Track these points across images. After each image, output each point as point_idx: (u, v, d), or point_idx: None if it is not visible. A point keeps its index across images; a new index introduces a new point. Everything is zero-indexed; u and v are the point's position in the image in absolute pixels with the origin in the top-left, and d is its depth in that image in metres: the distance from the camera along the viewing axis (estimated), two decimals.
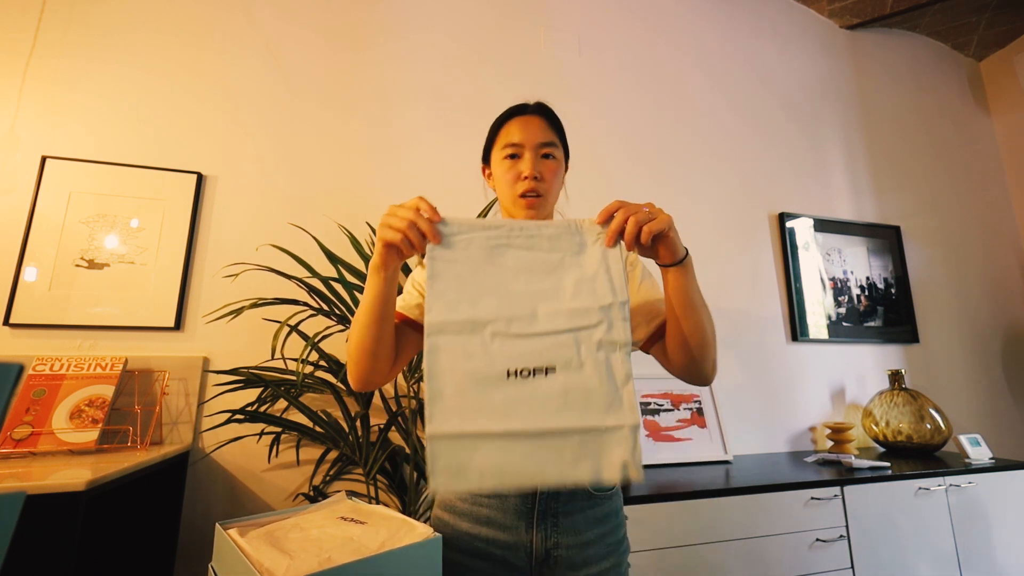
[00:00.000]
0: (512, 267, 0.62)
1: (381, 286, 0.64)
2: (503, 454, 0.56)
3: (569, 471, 0.56)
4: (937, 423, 1.76)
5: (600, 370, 0.59)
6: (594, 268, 0.62)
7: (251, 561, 0.54)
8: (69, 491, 0.82)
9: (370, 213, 1.60)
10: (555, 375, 0.58)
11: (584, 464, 0.56)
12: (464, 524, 0.71)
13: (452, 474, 0.55)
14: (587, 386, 0.58)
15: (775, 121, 2.27)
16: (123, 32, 1.56)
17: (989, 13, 2.46)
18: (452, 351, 0.58)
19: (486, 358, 0.58)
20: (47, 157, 1.41)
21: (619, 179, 1.94)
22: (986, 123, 2.70)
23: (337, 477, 1.36)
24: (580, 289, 0.61)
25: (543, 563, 0.69)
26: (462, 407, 0.57)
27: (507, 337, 0.59)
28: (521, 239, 0.63)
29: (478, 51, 1.91)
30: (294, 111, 1.67)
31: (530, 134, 0.75)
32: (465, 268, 0.61)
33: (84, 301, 1.37)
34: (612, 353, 0.60)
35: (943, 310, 2.29)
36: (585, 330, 0.60)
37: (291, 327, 1.21)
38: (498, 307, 0.60)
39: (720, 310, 1.95)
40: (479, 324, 0.59)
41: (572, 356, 0.59)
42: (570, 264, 0.63)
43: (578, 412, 0.57)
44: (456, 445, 0.56)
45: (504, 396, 0.57)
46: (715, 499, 1.28)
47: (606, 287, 0.61)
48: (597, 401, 0.58)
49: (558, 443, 0.57)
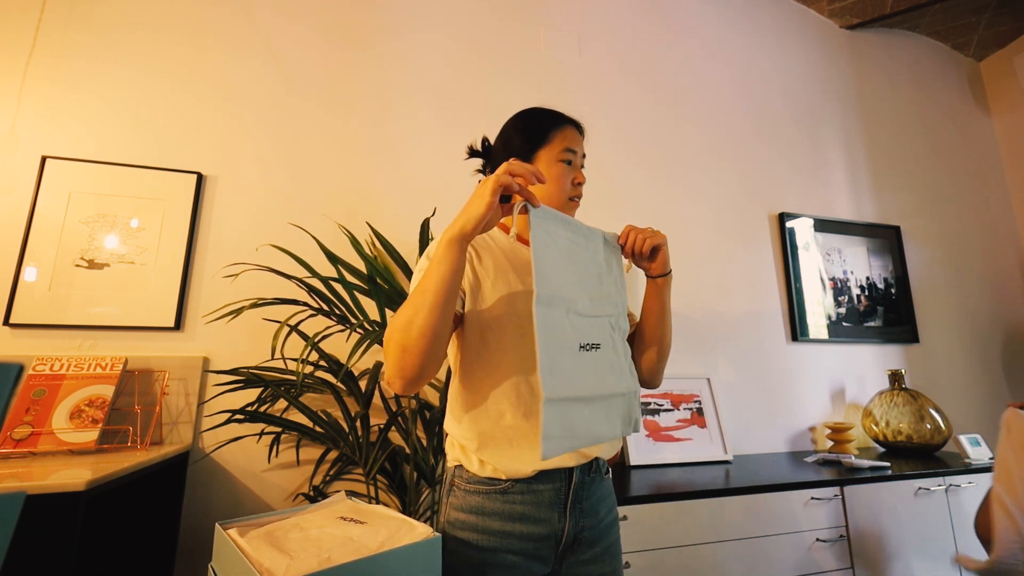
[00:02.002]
0: (578, 258, 0.73)
1: (459, 256, 0.63)
2: (588, 415, 0.66)
3: (618, 427, 0.70)
4: (937, 423, 1.76)
5: (618, 347, 0.74)
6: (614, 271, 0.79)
7: (251, 561, 0.54)
8: (69, 491, 0.82)
9: (370, 213, 1.61)
10: (600, 351, 0.70)
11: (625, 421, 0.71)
12: (495, 523, 0.70)
13: (563, 437, 0.62)
14: (615, 359, 0.73)
15: (775, 121, 2.27)
16: (123, 32, 1.56)
17: (989, 13, 2.46)
18: (552, 322, 0.65)
19: (570, 332, 0.67)
20: (47, 157, 1.41)
21: (619, 179, 1.94)
22: (986, 123, 2.70)
23: (337, 477, 1.36)
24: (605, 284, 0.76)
25: (569, 548, 0.73)
26: (565, 373, 0.64)
27: (576, 315, 0.69)
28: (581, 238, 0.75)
29: (478, 51, 1.91)
30: (294, 111, 1.67)
31: (580, 145, 0.84)
32: (557, 252, 0.70)
33: (84, 301, 1.37)
34: (622, 336, 0.76)
35: (943, 310, 2.29)
36: (611, 317, 0.74)
37: (291, 327, 1.21)
38: (573, 289, 0.70)
39: (720, 310, 1.95)
40: (568, 301, 0.68)
41: (608, 335, 0.73)
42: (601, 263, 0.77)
43: (618, 379, 0.72)
44: (564, 409, 0.63)
45: (584, 366, 0.67)
46: (715, 499, 1.28)
47: (617, 286, 0.78)
48: (623, 370, 0.73)
49: (613, 404, 0.70)
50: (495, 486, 0.72)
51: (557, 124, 0.83)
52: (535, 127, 0.83)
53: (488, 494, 0.72)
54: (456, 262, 0.63)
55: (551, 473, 0.72)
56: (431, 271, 0.63)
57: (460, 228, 0.62)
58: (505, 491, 0.71)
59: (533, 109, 0.86)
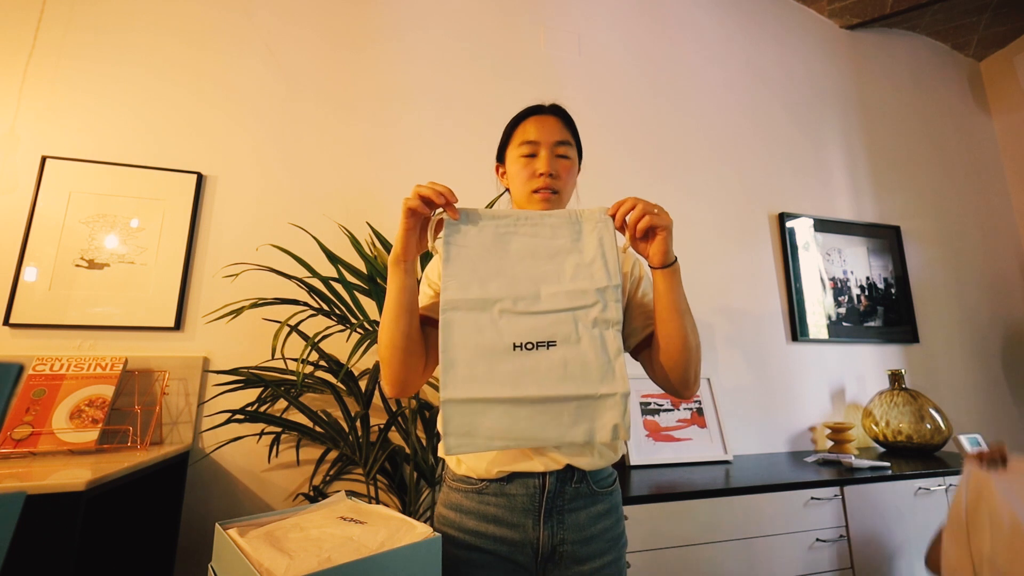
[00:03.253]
0: (518, 252, 0.68)
1: (402, 276, 0.67)
2: (509, 418, 0.62)
3: (567, 432, 0.63)
4: (937, 423, 1.76)
5: (595, 344, 0.65)
6: (592, 254, 0.69)
7: (251, 561, 0.54)
8: (69, 491, 0.82)
9: (370, 213, 1.60)
10: (556, 348, 0.64)
11: (580, 426, 0.63)
12: (470, 522, 0.71)
13: (463, 435, 0.62)
14: (584, 359, 0.64)
15: (775, 121, 2.27)
16: (123, 32, 1.56)
17: (989, 13, 2.46)
18: (464, 326, 0.64)
19: (495, 333, 0.64)
20: (47, 157, 1.41)
21: (619, 179, 1.94)
22: (986, 123, 2.70)
23: (337, 477, 1.36)
24: (579, 273, 0.68)
25: (548, 559, 0.70)
26: (473, 376, 0.63)
27: (513, 314, 0.65)
28: (526, 227, 0.69)
29: (478, 50, 1.91)
30: (294, 111, 1.67)
31: (546, 132, 0.78)
32: (476, 252, 0.67)
33: (84, 301, 1.37)
34: (606, 330, 0.66)
35: (943, 310, 2.29)
36: (582, 309, 0.66)
37: (291, 327, 1.21)
38: (505, 287, 0.66)
39: (720, 310, 1.95)
40: (488, 302, 0.65)
41: (571, 332, 0.65)
42: (570, 249, 0.69)
43: (576, 381, 0.64)
44: (467, 409, 0.62)
45: (511, 367, 0.63)
46: (715, 499, 1.28)
47: (602, 271, 0.68)
48: (593, 372, 0.64)
49: (558, 408, 0.63)
50: (471, 485, 0.73)
51: (517, 120, 0.82)
52: (507, 127, 0.84)
53: (465, 492, 0.73)
54: (401, 282, 0.67)
55: (522, 477, 0.70)
56: (387, 290, 0.68)
57: (392, 252, 0.67)
58: (480, 491, 0.72)
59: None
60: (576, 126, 0.83)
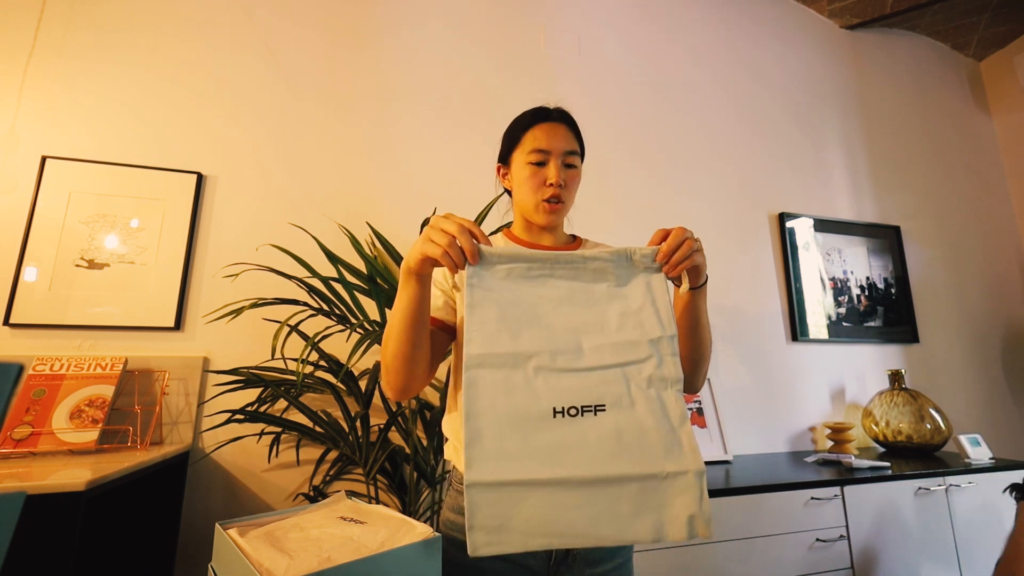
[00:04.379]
0: (553, 298, 0.59)
1: (416, 289, 0.62)
2: (551, 507, 0.50)
3: (628, 526, 0.51)
4: (937, 423, 1.76)
5: (653, 408, 0.54)
6: (639, 300, 0.59)
7: (251, 561, 0.54)
8: (69, 491, 0.82)
9: (370, 213, 1.60)
10: (605, 415, 0.53)
11: (645, 518, 0.51)
12: None
13: (493, 531, 0.50)
14: (641, 426, 0.53)
15: (775, 121, 2.27)
16: (123, 32, 1.56)
17: (989, 13, 2.46)
18: (493, 386, 0.54)
19: (530, 394, 0.54)
20: (47, 157, 1.41)
21: (619, 179, 1.94)
22: (986, 123, 2.70)
23: (337, 477, 1.36)
24: (626, 322, 0.58)
25: (561, 562, 0.69)
26: (504, 451, 0.51)
27: (552, 371, 0.55)
28: (563, 269, 0.60)
29: (478, 50, 1.91)
30: (294, 111, 1.67)
31: (557, 141, 0.77)
32: (505, 297, 0.58)
33: (84, 301, 1.37)
34: (664, 391, 0.56)
35: (943, 310, 2.29)
36: (634, 365, 0.56)
37: (291, 327, 1.21)
38: (541, 339, 0.56)
39: (720, 310, 1.95)
40: (521, 357, 0.55)
41: (623, 393, 0.55)
42: (614, 295, 0.59)
43: (634, 456, 0.52)
44: (498, 496, 0.50)
45: (551, 438, 0.52)
46: (715, 499, 1.28)
47: (653, 320, 0.58)
48: (654, 443, 0.53)
49: (614, 492, 0.51)
50: None
51: (528, 123, 0.79)
52: (513, 129, 0.82)
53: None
54: (414, 292, 0.62)
55: None
56: (396, 300, 0.65)
57: (406, 263, 0.62)
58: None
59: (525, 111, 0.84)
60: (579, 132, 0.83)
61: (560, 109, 0.81)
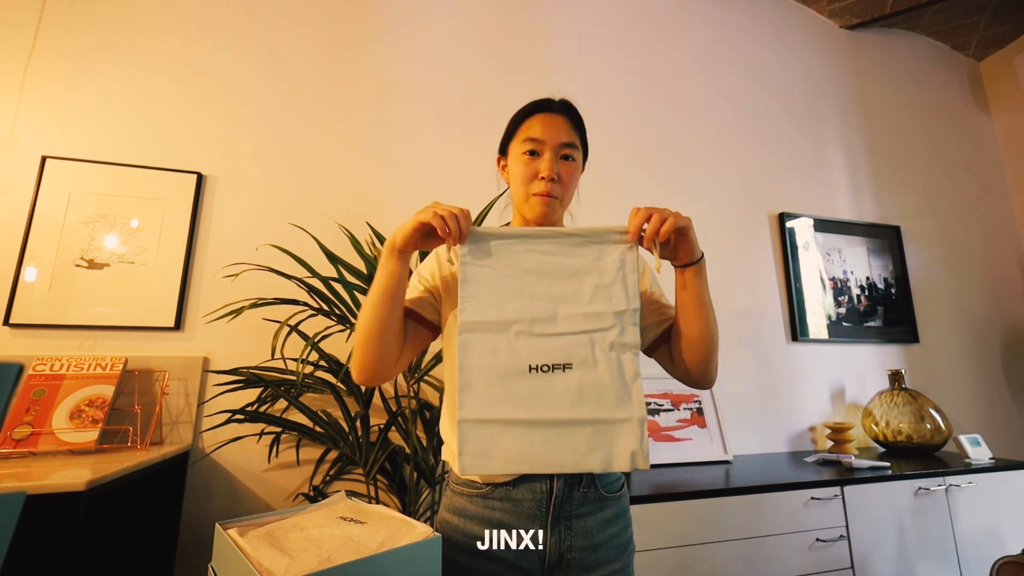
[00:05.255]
0: (536, 271, 0.68)
1: (397, 266, 0.66)
2: (524, 441, 0.63)
3: (583, 459, 0.63)
4: (937, 423, 1.76)
5: (612, 368, 0.65)
6: (612, 276, 0.68)
7: (251, 561, 0.54)
8: (69, 491, 0.82)
9: (370, 213, 1.60)
10: (572, 371, 0.65)
11: (597, 452, 0.63)
12: (475, 527, 0.69)
13: (479, 455, 0.63)
14: (600, 382, 0.65)
15: (775, 121, 2.27)
16: (123, 32, 1.56)
17: (989, 13, 2.46)
18: (481, 347, 0.65)
19: (511, 354, 0.65)
20: (47, 157, 1.41)
21: (619, 179, 1.94)
22: (986, 123, 2.70)
23: (337, 477, 1.36)
24: (598, 294, 0.67)
25: (555, 566, 0.68)
26: (489, 397, 0.64)
27: (530, 336, 0.66)
28: (546, 244, 0.68)
29: (478, 51, 1.91)
30: (294, 111, 1.67)
31: (553, 132, 0.75)
32: (494, 273, 0.67)
33: (84, 301, 1.37)
34: (623, 354, 0.66)
35: (943, 310, 2.29)
36: (600, 332, 0.66)
37: (291, 327, 1.21)
38: (522, 309, 0.66)
39: (720, 310, 1.93)
40: (505, 324, 0.66)
41: (588, 355, 0.65)
42: (590, 269, 0.68)
43: (592, 404, 0.64)
44: (483, 430, 0.63)
45: (526, 388, 0.64)
46: (715, 499, 1.28)
47: (621, 295, 0.67)
48: (609, 396, 0.64)
49: (574, 432, 0.63)
50: (476, 489, 0.71)
51: (524, 114, 0.78)
52: (512, 120, 0.80)
53: (470, 497, 0.71)
54: (395, 269, 0.66)
55: (529, 481, 0.68)
56: (376, 275, 0.67)
57: (391, 240, 0.65)
58: (485, 495, 0.70)
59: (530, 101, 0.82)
60: (584, 124, 0.81)
61: (564, 101, 0.79)
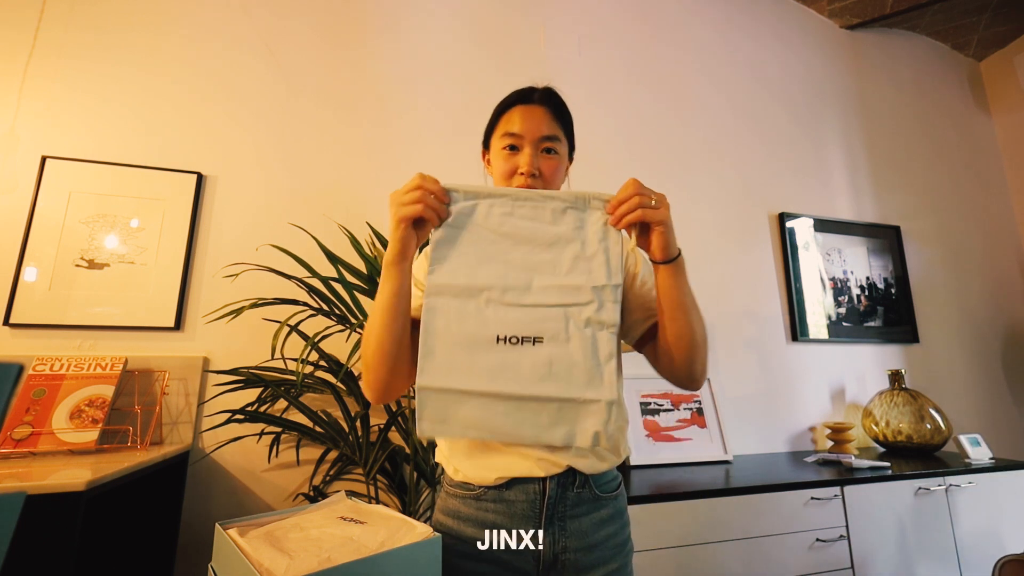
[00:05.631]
0: (513, 236, 0.63)
1: (399, 278, 0.63)
2: (484, 411, 0.60)
3: (544, 433, 0.60)
4: (937, 423, 1.76)
5: (585, 346, 0.61)
6: (594, 247, 0.63)
7: (251, 561, 0.54)
8: (69, 491, 0.82)
9: (370, 213, 1.60)
10: (542, 345, 0.61)
11: (559, 428, 0.60)
12: (469, 529, 0.69)
13: (437, 422, 0.61)
14: (571, 359, 0.61)
15: (775, 121, 2.27)
16: (123, 32, 1.56)
17: (989, 13, 2.46)
18: (448, 313, 0.62)
19: (479, 322, 0.61)
20: (47, 157, 1.41)
21: (619, 179, 1.92)
22: (986, 123, 2.70)
23: (337, 477, 1.36)
24: (577, 266, 0.63)
25: (551, 567, 0.67)
26: (451, 365, 0.60)
27: (500, 305, 0.62)
28: (526, 208, 0.64)
29: (478, 50, 1.91)
30: (294, 111, 1.67)
31: (532, 126, 0.72)
32: (468, 235, 0.63)
33: (84, 301, 1.37)
34: (599, 331, 0.62)
35: (943, 310, 2.29)
36: (576, 307, 0.62)
37: (291, 327, 1.21)
38: (495, 275, 0.62)
39: (720, 310, 1.95)
40: (476, 290, 0.62)
41: (560, 329, 0.61)
42: (571, 238, 0.64)
43: (560, 382, 0.60)
44: (442, 398, 0.61)
45: (492, 360, 0.60)
46: (715, 499, 1.28)
47: (602, 268, 0.63)
48: (579, 374, 0.60)
49: (537, 407, 0.60)
50: (469, 491, 0.70)
51: (503, 107, 0.75)
52: (493, 113, 0.77)
53: (464, 499, 0.71)
54: (397, 284, 0.63)
55: (522, 483, 0.67)
56: (377, 292, 0.64)
57: (388, 255, 0.62)
58: (478, 497, 0.69)
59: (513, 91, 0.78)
60: (570, 114, 0.77)
61: (546, 90, 0.76)
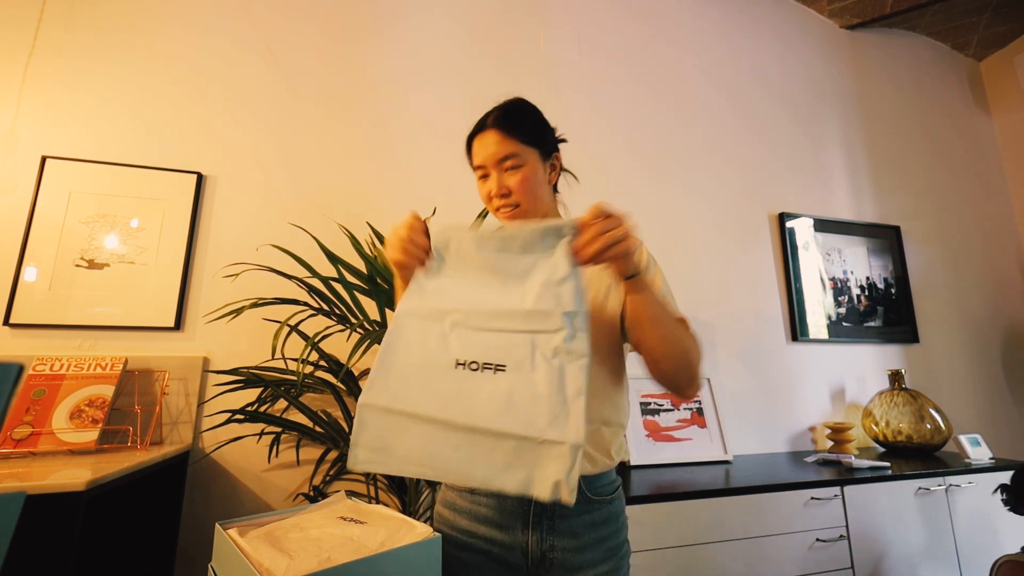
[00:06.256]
0: (487, 266, 0.63)
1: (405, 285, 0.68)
2: (431, 442, 0.55)
3: (497, 476, 0.54)
4: (937, 423, 1.76)
5: (552, 378, 0.55)
6: (564, 271, 0.59)
7: (251, 561, 0.54)
8: (69, 491, 0.82)
9: (370, 213, 1.60)
10: (504, 374, 0.56)
11: (514, 473, 0.53)
12: (463, 521, 0.72)
13: (375, 450, 0.56)
14: (535, 391, 0.55)
15: (775, 121, 2.27)
16: (123, 32, 1.56)
17: (989, 13, 2.46)
18: (413, 332, 0.61)
19: (441, 345, 0.59)
20: (47, 157, 1.41)
21: (619, 178, 1.94)
22: (986, 123, 2.70)
23: (337, 477, 1.36)
24: (546, 292, 0.59)
25: (539, 563, 0.69)
26: (403, 385, 0.58)
27: (465, 328, 0.60)
28: (495, 241, 0.63)
29: (478, 51, 1.91)
30: (294, 111, 1.67)
31: (489, 153, 0.76)
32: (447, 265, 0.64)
33: (84, 301, 1.37)
34: (568, 363, 0.56)
35: (943, 310, 2.29)
36: (544, 334, 0.57)
37: (291, 327, 1.21)
38: (463, 299, 0.61)
39: (720, 310, 1.95)
40: (442, 313, 0.61)
41: (525, 357, 0.57)
42: (541, 266, 0.61)
43: (519, 417, 0.54)
44: (386, 420, 0.57)
45: (447, 386, 0.57)
46: (715, 499, 1.28)
47: (571, 294, 0.58)
48: (541, 410, 0.54)
49: (491, 444, 0.54)
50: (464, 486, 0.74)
51: (468, 141, 0.82)
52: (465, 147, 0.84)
53: (459, 492, 0.75)
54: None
55: None
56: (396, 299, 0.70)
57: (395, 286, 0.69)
58: (472, 491, 0.73)
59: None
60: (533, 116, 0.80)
61: (499, 109, 0.79)
